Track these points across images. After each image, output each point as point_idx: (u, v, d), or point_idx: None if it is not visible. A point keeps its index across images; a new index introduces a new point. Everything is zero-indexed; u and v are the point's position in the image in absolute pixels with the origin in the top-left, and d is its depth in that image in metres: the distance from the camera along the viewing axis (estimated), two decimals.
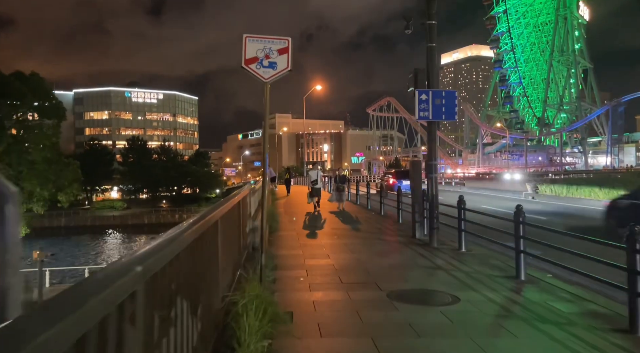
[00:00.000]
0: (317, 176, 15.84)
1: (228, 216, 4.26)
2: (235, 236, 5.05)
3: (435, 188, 8.86)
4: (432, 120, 8.77)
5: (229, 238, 4.39)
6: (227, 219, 4.25)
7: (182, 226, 2.31)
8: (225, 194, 49.85)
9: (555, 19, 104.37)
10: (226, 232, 4.15)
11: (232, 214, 4.71)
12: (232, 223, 4.64)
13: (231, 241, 4.60)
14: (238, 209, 5.46)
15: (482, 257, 7.81)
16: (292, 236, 10.25)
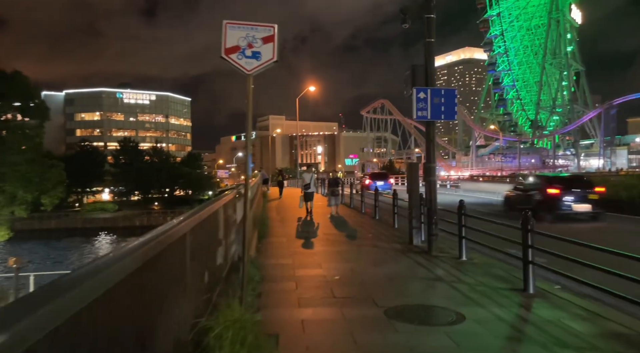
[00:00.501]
0: (311, 180, 15.13)
1: (203, 227, 3.69)
2: (215, 249, 4.48)
3: (434, 192, 8.34)
4: (430, 120, 8.26)
5: (204, 252, 3.82)
6: (202, 231, 3.68)
7: (121, 250, 1.75)
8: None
9: (548, 22, 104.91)
10: (200, 246, 3.58)
11: (211, 224, 4.14)
12: (209, 234, 4.07)
13: (208, 255, 4.03)
14: (220, 216, 4.90)
15: (485, 266, 7.29)
16: (282, 243, 9.68)
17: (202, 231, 3.63)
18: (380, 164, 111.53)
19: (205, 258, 3.87)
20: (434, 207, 8.31)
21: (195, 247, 3.34)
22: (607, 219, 13.54)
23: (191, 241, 3.06)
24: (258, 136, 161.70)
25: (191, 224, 3.03)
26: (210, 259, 4.17)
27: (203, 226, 3.60)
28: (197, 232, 3.33)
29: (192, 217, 3.09)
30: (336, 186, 15.56)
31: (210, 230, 4.10)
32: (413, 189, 9.32)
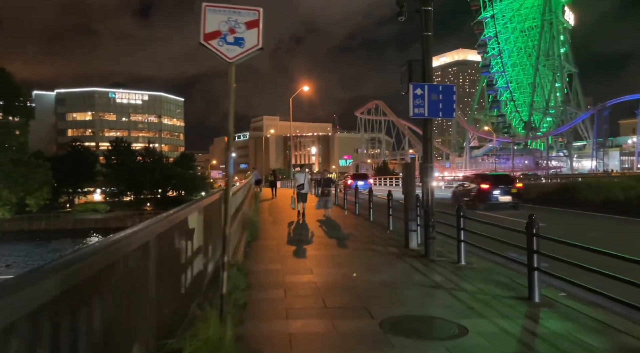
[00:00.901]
0: (304, 180, 14.43)
1: (176, 233, 3.26)
2: (194, 256, 4.04)
3: (432, 194, 7.95)
4: (428, 118, 7.86)
5: (179, 260, 3.39)
6: (175, 237, 3.25)
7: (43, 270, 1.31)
8: None
9: (541, 23, 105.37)
10: (173, 254, 3.15)
11: (187, 229, 3.71)
12: (185, 239, 3.64)
13: (184, 263, 3.60)
14: (199, 220, 4.46)
15: (485, 272, 6.90)
16: (272, 247, 9.25)
17: (174, 237, 3.19)
18: (374, 165, 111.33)
19: (179, 267, 3.44)
20: (432, 209, 7.91)
21: (165, 255, 2.91)
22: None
23: (158, 249, 2.64)
24: (252, 137, 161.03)
25: (157, 230, 2.60)
26: (187, 267, 3.74)
27: (176, 231, 3.16)
28: (167, 239, 2.90)
29: (159, 223, 2.66)
30: (328, 187, 14.75)
31: (187, 235, 3.66)
32: (409, 190, 8.93)
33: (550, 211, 16.32)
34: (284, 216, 15.49)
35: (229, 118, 3.89)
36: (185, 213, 3.64)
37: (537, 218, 5.57)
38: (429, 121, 8.04)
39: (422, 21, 7.75)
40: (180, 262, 3.41)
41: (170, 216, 2.99)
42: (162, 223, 2.73)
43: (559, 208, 16.87)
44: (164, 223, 2.79)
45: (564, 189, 18.45)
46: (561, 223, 13.47)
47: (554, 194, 18.52)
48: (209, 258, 5.06)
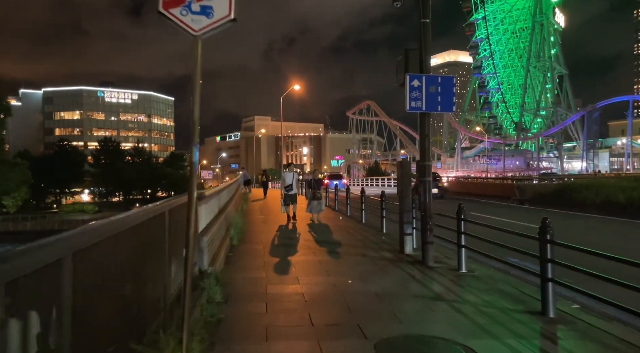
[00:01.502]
0: (293, 180, 13.25)
1: (115, 244, 2.57)
2: (149, 271, 3.35)
3: (429, 195, 7.32)
4: (425, 112, 7.23)
5: (123, 277, 2.70)
6: (115, 249, 2.57)
7: None
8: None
9: (532, 25, 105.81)
10: (110, 271, 2.47)
11: (137, 238, 3.02)
12: (134, 251, 2.95)
13: (133, 279, 2.91)
14: (162, 225, 3.78)
15: (489, 280, 6.29)
16: (257, 252, 8.56)
17: (112, 250, 2.51)
18: (366, 166, 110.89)
19: (125, 286, 2.74)
20: (430, 212, 7.28)
21: (96, 274, 2.23)
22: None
23: (81, 268, 1.96)
24: (243, 137, 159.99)
25: (76, 244, 1.92)
26: (139, 284, 3.05)
27: (114, 242, 2.48)
28: (97, 253, 2.21)
29: (79, 235, 1.98)
30: (319, 189, 13.39)
31: (136, 246, 2.97)
32: (404, 191, 8.30)
33: (548, 213, 15.82)
34: (273, 217, 14.80)
35: (194, 102, 3.22)
36: (139, 217, 2.96)
37: (534, 219, 4.98)
38: (427, 116, 7.41)
39: (420, 7, 7.12)
40: (124, 279, 2.72)
41: (98, 227, 2.30)
42: (82, 235, 2.05)
43: (556, 210, 16.40)
44: (85, 236, 2.11)
45: (561, 190, 17.96)
46: (561, 226, 12.90)
47: (551, 195, 18.03)
48: (174, 270, 4.38)
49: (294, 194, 13.31)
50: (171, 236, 4.04)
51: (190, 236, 3.23)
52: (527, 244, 5.47)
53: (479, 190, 27.53)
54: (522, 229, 9.98)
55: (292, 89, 44.58)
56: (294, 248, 8.93)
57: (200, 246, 5.97)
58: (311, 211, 13.30)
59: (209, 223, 7.11)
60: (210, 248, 6.51)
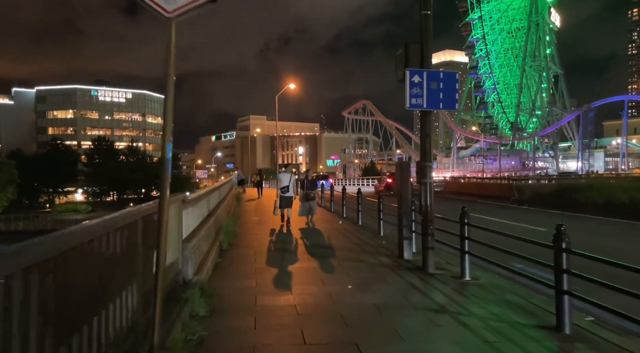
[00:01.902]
0: (289, 182, 12.25)
1: (62, 265, 2.13)
2: (115, 289, 2.89)
3: (431, 197, 6.90)
4: (426, 109, 6.81)
5: (68, 301, 2.25)
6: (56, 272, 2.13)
7: None
8: None
9: (528, 24, 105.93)
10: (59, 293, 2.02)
11: (97, 254, 2.57)
12: (88, 268, 2.50)
13: (88, 299, 2.46)
14: (134, 236, 3.33)
15: (495, 290, 5.88)
16: (248, 257, 8.11)
17: (57, 275, 2.06)
18: (361, 166, 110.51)
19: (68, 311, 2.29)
20: (431, 215, 6.86)
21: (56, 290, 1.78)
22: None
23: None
24: (238, 136, 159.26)
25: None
26: (95, 306, 2.59)
27: (59, 264, 2.03)
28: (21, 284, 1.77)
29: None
30: (312, 190, 12.46)
31: (95, 264, 2.52)
32: (403, 193, 7.88)
33: (549, 214, 15.49)
34: (268, 219, 14.35)
35: (167, 93, 2.77)
36: (97, 230, 2.52)
37: (536, 221, 4.58)
38: (428, 114, 6.99)
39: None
40: (73, 301, 2.27)
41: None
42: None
43: (556, 211, 16.05)
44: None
45: (561, 190, 17.60)
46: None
47: (551, 196, 17.65)
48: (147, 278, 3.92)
49: (290, 198, 12.32)
50: (146, 247, 3.59)
51: (161, 253, 2.78)
52: (533, 250, 5.08)
53: (477, 190, 27.18)
54: (524, 232, 9.60)
55: (288, 88, 44.08)
56: (287, 253, 8.50)
57: (185, 254, 5.53)
58: (304, 214, 12.47)
59: (197, 228, 6.67)
60: (196, 255, 6.07)
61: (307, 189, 12.37)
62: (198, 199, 6.88)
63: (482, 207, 18.21)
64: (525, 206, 17.46)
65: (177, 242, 5.34)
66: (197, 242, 6.18)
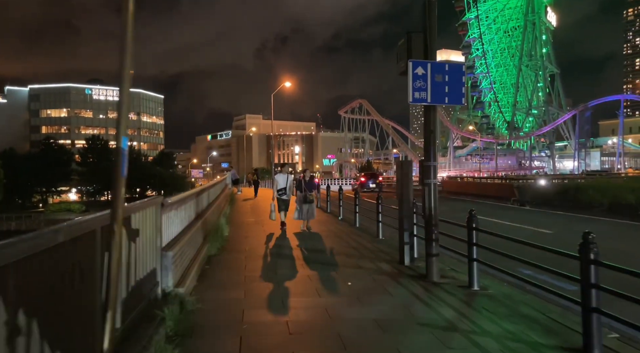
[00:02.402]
0: (286, 183, 11.17)
1: None
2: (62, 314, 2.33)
3: (435, 199, 6.37)
4: (431, 104, 6.28)
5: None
6: None
7: None
8: None
9: (524, 23, 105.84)
10: None
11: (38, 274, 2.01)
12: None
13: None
14: (90, 250, 2.76)
15: (507, 301, 5.36)
16: (238, 263, 7.55)
17: None
18: (358, 165, 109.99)
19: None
20: (435, 219, 6.33)
21: None
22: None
23: None
24: (234, 135, 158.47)
25: None
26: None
27: None
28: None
29: None
30: (310, 191, 11.29)
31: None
32: (404, 194, 7.35)
33: (553, 215, 14.98)
34: (262, 220, 13.78)
35: (122, 70, 2.22)
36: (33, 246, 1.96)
37: (540, 223, 4.07)
38: (432, 109, 6.45)
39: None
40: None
41: None
42: None
43: (560, 212, 15.55)
44: None
45: (565, 190, 17.11)
46: (570, 230, 12.05)
47: (554, 196, 17.14)
48: (130, 295, 3.36)
49: (287, 201, 11.35)
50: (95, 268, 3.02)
51: (113, 274, 2.22)
52: (543, 256, 4.58)
53: (475, 190, 26.71)
54: (530, 236, 9.10)
55: (284, 86, 43.54)
56: (281, 259, 7.94)
57: (164, 264, 4.97)
58: (301, 218, 11.36)
59: (181, 233, 6.10)
60: (179, 264, 5.51)
61: (305, 190, 11.28)
62: (182, 202, 6.31)
63: (481, 208, 17.70)
64: (527, 206, 16.97)
65: (155, 251, 4.77)
66: (180, 249, 5.63)
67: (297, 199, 11.49)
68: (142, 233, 4.15)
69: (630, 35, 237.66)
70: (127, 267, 3.73)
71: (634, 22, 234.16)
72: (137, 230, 4.00)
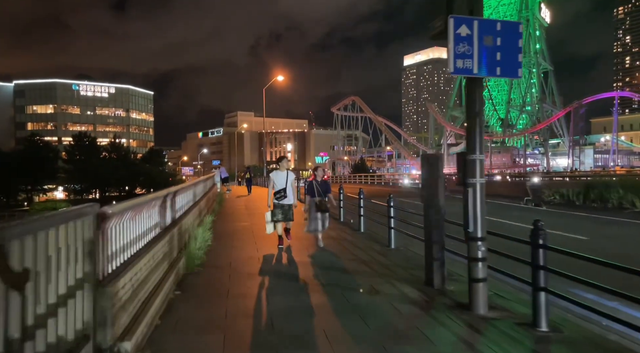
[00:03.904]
0: (287, 183, 8.32)
1: None
2: None
3: (482, 204, 4.75)
4: (477, 76, 4.66)
5: None
6: None
7: None
8: None
9: (518, 20, 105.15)
10: None
11: None
12: None
13: None
14: None
15: (594, 352, 3.77)
16: (219, 287, 5.88)
17: None
18: (351, 163, 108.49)
19: None
20: (483, 232, 4.72)
21: None
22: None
23: None
24: (226, 133, 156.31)
25: None
26: None
27: None
28: None
29: None
30: (324, 196, 8.60)
31: None
32: (432, 197, 5.75)
33: (577, 217, 13.46)
34: (255, 223, 12.12)
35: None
36: None
37: (569, 227, 2.52)
38: (478, 83, 4.83)
39: None
40: None
41: None
42: None
43: (583, 213, 14.05)
44: None
45: (587, 190, 15.55)
46: (604, 236, 10.54)
47: (575, 196, 15.62)
48: None
49: (289, 206, 8.42)
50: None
51: None
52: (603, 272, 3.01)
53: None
54: (565, 242, 7.50)
55: (276, 80, 41.88)
56: (274, 280, 6.29)
57: (101, 305, 3.30)
58: (315, 230, 8.58)
59: (138, 253, 4.42)
60: (130, 300, 3.85)
61: (319, 195, 8.53)
62: (138, 209, 4.60)
63: (494, 209, 16.14)
64: (544, 207, 15.49)
65: (85, 288, 3.11)
66: (132, 278, 3.97)
67: (307, 206, 8.76)
68: (62, 262, 2.50)
69: (620, 33, 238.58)
70: (21, 321, 2.12)
71: (624, 20, 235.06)
72: (49, 258, 2.36)
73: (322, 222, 8.59)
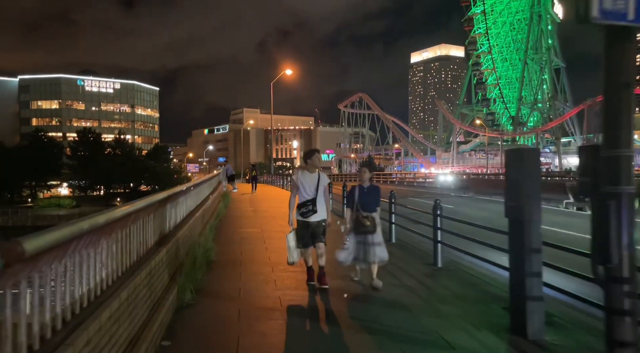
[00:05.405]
0: (316, 190, 5.65)
1: None
2: None
3: (631, 226, 3.08)
4: (633, 24, 2.98)
5: None
6: None
7: None
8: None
9: (530, 15, 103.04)
10: None
11: None
12: None
13: None
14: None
15: None
16: (222, 333, 4.24)
17: None
18: (357, 160, 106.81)
19: None
20: (632, 268, 3.06)
21: None
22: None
23: None
24: (232, 130, 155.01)
25: None
26: None
27: None
28: None
29: None
30: (370, 210, 5.75)
31: None
32: (526, 209, 4.07)
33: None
34: (267, 230, 10.48)
35: None
36: None
37: None
38: (627, 40, 3.14)
39: None
40: None
41: None
42: None
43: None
44: None
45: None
46: None
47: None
48: None
49: (321, 223, 5.68)
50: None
51: None
52: None
53: (500, 188, 23.46)
54: None
55: (284, 74, 40.25)
56: (296, 320, 4.63)
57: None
58: (355, 260, 5.76)
59: (110, 289, 2.78)
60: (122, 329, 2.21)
61: (363, 208, 5.73)
62: (156, 205, 2.96)
63: None
64: (588, 211, 13.78)
65: None
66: (96, 333, 2.34)
67: (347, 225, 5.93)
68: None
69: None
70: None
71: None
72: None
73: (365, 251, 5.61)
